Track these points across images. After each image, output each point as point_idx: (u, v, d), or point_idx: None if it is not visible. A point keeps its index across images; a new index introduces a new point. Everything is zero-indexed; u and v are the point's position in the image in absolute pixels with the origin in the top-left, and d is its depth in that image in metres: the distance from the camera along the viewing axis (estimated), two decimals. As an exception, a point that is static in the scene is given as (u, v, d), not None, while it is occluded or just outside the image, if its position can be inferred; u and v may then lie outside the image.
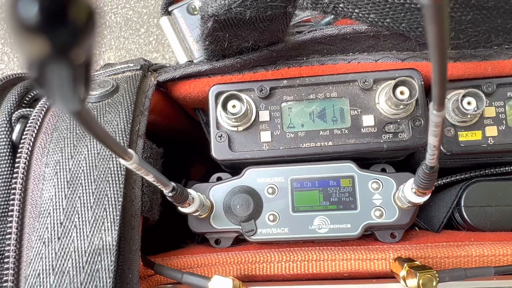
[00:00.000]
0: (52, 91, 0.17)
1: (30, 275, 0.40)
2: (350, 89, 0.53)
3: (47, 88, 0.17)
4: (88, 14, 0.16)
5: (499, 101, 0.53)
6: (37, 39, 0.16)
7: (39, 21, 0.16)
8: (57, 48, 0.16)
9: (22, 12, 0.16)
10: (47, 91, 0.17)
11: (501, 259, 0.48)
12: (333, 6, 0.41)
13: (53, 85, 0.17)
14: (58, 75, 0.17)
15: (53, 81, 0.17)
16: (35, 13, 0.15)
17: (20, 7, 0.15)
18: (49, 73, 0.17)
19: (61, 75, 0.17)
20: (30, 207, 0.44)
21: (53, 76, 0.17)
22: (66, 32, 0.16)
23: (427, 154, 0.36)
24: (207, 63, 0.53)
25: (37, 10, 0.15)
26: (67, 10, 0.16)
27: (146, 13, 1.71)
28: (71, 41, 0.16)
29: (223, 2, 0.41)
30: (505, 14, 0.40)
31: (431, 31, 0.18)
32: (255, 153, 0.53)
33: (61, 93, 0.17)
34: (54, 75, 0.17)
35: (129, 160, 0.30)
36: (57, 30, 0.16)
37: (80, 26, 0.16)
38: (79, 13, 0.16)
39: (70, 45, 0.17)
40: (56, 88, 0.17)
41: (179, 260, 0.49)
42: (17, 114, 0.49)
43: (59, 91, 0.17)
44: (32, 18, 0.16)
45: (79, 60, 0.17)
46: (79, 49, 0.17)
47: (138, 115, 0.48)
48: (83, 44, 0.17)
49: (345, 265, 0.49)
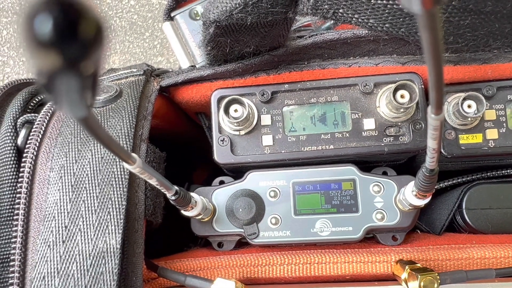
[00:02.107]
0: (60, 98, 0.18)
1: (35, 278, 0.40)
2: (351, 93, 0.53)
3: (56, 95, 0.18)
4: (97, 29, 0.17)
5: (500, 104, 0.53)
6: (49, 52, 0.17)
7: (52, 37, 0.17)
8: (68, 61, 0.17)
9: (37, 28, 0.16)
10: (55, 98, 0.18)
11: (502, 261, 0.48)
12: (333, 12, 0.42)
13: (61, 93, 0.18)
14: (67, 84, 0.18)
15: (62, 89, 0.18)
16: (49, 30, 0.16)
17: (36, 24, 0.16)
18: (58, 82, 0.18)
19: (70, 84, 0.18)
20: (35, 210, 0.45)
21: (62, 85, 0.18)
22: (77, 46, 0.17)
23: (427, 157, 0.37)
24: (209, 68, 0.54)
25: (51, 27, 0.16)
26: (78, 26, 0.17)
27: (150, 17, 1.72)
28: (81, 54, 0.17)
29: (225, 8, 0.42)
30: (502, 18, 0.41)
31: (425, 38, 0.18)
32: (257, 157, 0.53)
33: (69, 101, 0.18)
34: (63, 84, 0.18)
35: (133, 164, 0.31)
36: (68, 45, 0.17)
37: (90, 41, 0.17)
38: (88, 28, 0.17)
39: (80, 58, 0.18)
40: (64, 95, 0.18)
41: (182, 263, 0.50)
42: (22, 119, 0.50)
43: (67, 98, 0.18)
44: (46, 34, 0.16)
45: (88, 71, 0.18)
46: (88, 62, 0.18)
47: (141, 119, 0.49)
48: (92, 57, 0.18)
49: (347, 267, 0.49)
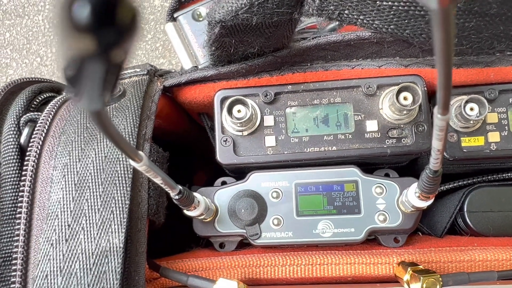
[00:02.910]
0: (81, 89, 0.18)
1: (38, 276, 0.40)
2: (354, 95, 0.54)
3: (78, 86, 0.18)
4: (133, 17, 0.18)
5: (502, 107, 0.53)
6: (85, 38, 0.17)
7: (90, 22, 0.17)
8: (102, 47, 0.17)
9: (75, 13, 0.17)
10: (76, 89, 0.18)
11: (504, 264, 0.48)
12: (339, 13, 0.42)
13: (85, 83, 0.18)
14: (93, 72, 0.18)
15: (87, 78, 0.18)
16: (87, 14, 0.17)
17: (74, 9, 0.16)
18: (85, 70, 0.18)
19: (96, 73, 0.18)
20: (38, 209, 0.44)
21: (88, 74, 0.18)
22: (112, 33, 0.17)
23: (431, 158, 0.37)
24: (212, 68, 0.54)
25: (89, 12, 0.16)
26: (115, 12, 0.17)
27: (153, 19, 1.72)
28: (116, 41, 0.18)
29: (230, 9, 0.42)
30: (507, 21, 0.41)
31: (438, 35, 0.19)
32: (260, 158, 0.53)
33: (90, 92, 0.18)
34: (90, 72, 0.18)
35: (139, 162, 0.31)
36: (104, 30, 0.17)
37: (125, 28, 0.17)
38: (125, 15, 0.17)
39: (114, 44, 0.18)
40: (87, 86, 0.18)
41: (184, 263, 0.50)
42: (25, 118, 0.50)
43: (89, 89, 0.18)
44: (84, 19, 0.17)
45: (118, 60, 0.18)
46: (119, 49, 0.18)
47: (144, 119, 0.49)
48: (124, 45, 0.18)
49: (349, 269, 0.49)
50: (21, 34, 1.80)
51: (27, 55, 1.78)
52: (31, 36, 1.79)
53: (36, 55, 1.77)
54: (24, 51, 1.78)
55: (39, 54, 1.77)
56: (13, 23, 1.81)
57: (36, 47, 1.78)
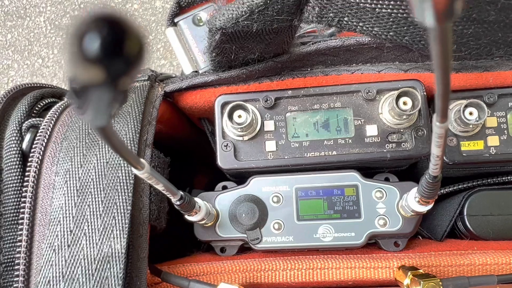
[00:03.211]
0: (87, 107, 0.19)
1: (40, 282, 0.40)
2: (354, 100, 0.54)
3: (83, 103, 0.19)
4: (140, 47, 0.18)
5: (501, 111, 0.53)
6: (94, 68, 0.17)
7: (100, 54, 0.17)
8: (110, 76, 0.18)
9: (86, 45, 0.17)
10: (81, 105, 0.19)
11: (504, 268, 0.48)
12: (338, 20, 0.42)
13: (90, 102, 0.18)
14: (100, 96, 0.18)
15: (93, 99, 0.18)
16: (98, 47, 0.17)
17: (84, 41, 0.17)
18: (92, 93, 0.18)
19: (103, 97, 0.18)
20: (40, 215, 0.45)
21: (94, 96, 0.18)
22: (121, 63, 0.18)
23: (430, 164, 0.37)
24: (213, 73, 0.54)
25: (99, 44, 0.17)
26: (124, 45, 0.17)
27: (154, 20, 1.73)
28: (124, 71, 0.18)
29: (231, 16, 0.42)
30: (505, 27, 0.41)
31: (436, 50, 0.19)
32: (260, 162, 0.54)
33: (95, 110, 0.19)
34: (96, 95, 0.18)
35: (141, 170, 0.31)
36: (113, 62, 0.18)
37: (133, 58, 0.18)
38: (133, 46, 0.18)
39: (122, 74, 0.18)
40: (93, 105, 0.18)
41: (185, 268, 0.50)
42: (27, 123, 0.50)
43: (94, 107, 0.19)
44: (95, 51, 0.17)
45: (125, 87, 0.18)
46: (127, 78, 0.18)
47: (146, 124, 0.49)
48: (133, 74, 0.18)
49: (349, 273, 0.49)
50: (23, 35, 1.80)
51: (28, 57, 1.78)
52: (32, 38, 1.80)
53: (37, 56, 1.78)
54: (26, 53, 1.79)
55: (41, 56, 1.78)
56: (15, 25, 1.81)
57: (37, 49, 1.79)
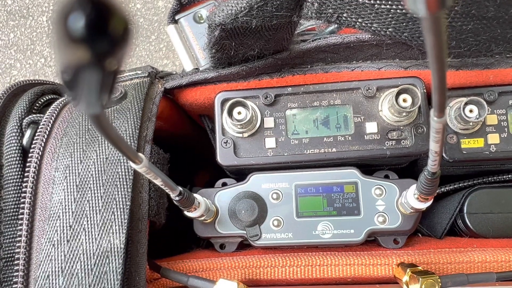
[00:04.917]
0: (79, 94, 0.19)
1: (39, 276, 0.41)
2: (354, 97, 0.54)
3: (75, 91, 0.19)
4: (125, 27, 0.18)
5: (501, 109, 0.53)
6: (80, 48, 0.18)
7: (84, 33, 0.17)
8: (95, 56, 0.18)
9: (70, 24, 0.17)
10: (74, 93, 0.19)
11: (503, 265, 0.48)
12: (337, 16, 0.42)
13: (82, 89, 0.19)
14: (89, 79, 0.18)
15: (83, 85, 0.18)
16: (81, 27, 0.17)
17: (69, 21, 0.17)
18: (81, 78, 0.18)
19: (92, 80, 0.18)
20: (40, 210, 0.45)
21: (84, 80, 0.18)
22: (105, 43, 0.18)
23: (429, 160, 0.37)
24: (213, 70, 0.54)
25: (83, 24, 0.17)
26: (108, 24, 0.18)
27: (156, 20, 1.73)
28: (109, 50, 0.18)
29: (230, 12, 0.42)
30: (504, 24, 0.41)
31: (429, 41, 0.19)
32: (260, 159, 0.54)
33: (87, 97, 0.19)
34: (86, 79, 0.18)
35: (139, 164, 0.31)
36: (98, 41, 0.18)
37: (118, 38, 0.18)
38: (117, 26, 0.18)
39: (107, 54, 0.18)
40: (84, 91, 0.19)
41: (184, 264, 0.50)
42: (28, 119, 0.50)
43: (86, 94, 0.19)
44: (79, 30, 0.17)
45: (111, 67, 0.18)
46: (113, 58, 0.18)
47: (145, 121, 0.50)
48: (118, 54, 0.19)
49: (348, 270, 0.49)
50: (25, 35, 1.81)
51: (31, 56, 1.79)
52: (35, 37, 1.80)
53: (40, 55, 1.78)
54: (28, 52, 1.79)
55: (43, 55, 1.78)
56: (17, 24, 1.82)
57: (40, 48, 1.79)
